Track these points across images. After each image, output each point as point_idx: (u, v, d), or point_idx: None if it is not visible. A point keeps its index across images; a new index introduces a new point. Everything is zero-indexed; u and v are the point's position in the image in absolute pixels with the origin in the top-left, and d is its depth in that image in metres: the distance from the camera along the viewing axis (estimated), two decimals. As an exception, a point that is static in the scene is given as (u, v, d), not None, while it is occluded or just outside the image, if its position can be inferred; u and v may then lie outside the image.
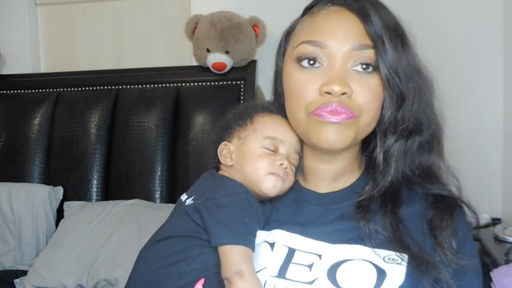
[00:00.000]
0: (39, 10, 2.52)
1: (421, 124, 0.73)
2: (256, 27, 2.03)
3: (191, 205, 0.74)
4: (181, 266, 0.70)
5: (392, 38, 0.68)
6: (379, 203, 0.72)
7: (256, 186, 0.75)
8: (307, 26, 0.73)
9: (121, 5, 2.44)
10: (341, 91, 0.66)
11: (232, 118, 0.82)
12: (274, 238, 0.73)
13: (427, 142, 0.74)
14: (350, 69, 0.69)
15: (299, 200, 0.78)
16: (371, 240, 0.69)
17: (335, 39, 0.68)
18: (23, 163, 2.13)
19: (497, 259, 1.44)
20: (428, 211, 0.72)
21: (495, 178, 2.03)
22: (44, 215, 1.96)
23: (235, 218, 0.70)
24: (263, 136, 0.77)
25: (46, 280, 1.73)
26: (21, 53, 2.44)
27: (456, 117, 2.24)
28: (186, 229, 0.72)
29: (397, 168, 0.72)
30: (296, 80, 0.71)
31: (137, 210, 1.84)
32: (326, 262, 0.69)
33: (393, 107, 0.70)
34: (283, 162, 0.75)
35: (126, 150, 2.04)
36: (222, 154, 0.80)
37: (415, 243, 0.68)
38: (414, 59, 0.73)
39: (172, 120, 2.03)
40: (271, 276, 0.70)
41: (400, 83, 0.69)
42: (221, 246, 0.68)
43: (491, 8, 2.01)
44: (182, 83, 2.09)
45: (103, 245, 1.75)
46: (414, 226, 0.70)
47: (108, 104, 2.11)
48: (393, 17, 0.72)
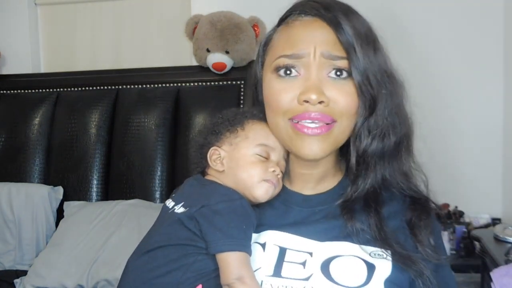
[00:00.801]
0: (39, 10, 2.52)
1: (394, 127, 0.75)
2: (256, 27, 2.03)
3: (184, 213, 0.73)
4: (177, 274, 0.69)
5: (363, 46, 0.71)
6: (363, 204, 0.75)
7: (249, 192, 0.76)
8: (284, 39, 0.75)
9: (121, 5, 2.44)
10: (318, 99, 0.69)
11: (221, 123, 0.82)
12: (265, 238, 0.75)
13: (401, 143, 0.77)
14: (325, 76, 0.71)
15: (286, 203, 0.80)
16: (358, 238, 0.72)
17: (309, 49, 0.71)
18: (23, 163, 2.13)
19: (497, 259, 1.44)
20: (407, 211, 0.76)
21: (495, 178, 2.03)
22: (44, 215, 1.96)
23: (233, 225, 0.70)
24: (256, 143, 0.77)
25: (46, 280, 1.73)
26: (21, 53, 2.45)
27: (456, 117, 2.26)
28: (180, 237, 0.72)
29: (376, 170, 0.75)
30: (274, 89, 0.74)
31: (137, 210, 1.84)
32: (318, 258, 0.72)
33: (366, 112, 0.73)
34: (276, 169, 0.77)
35: (126, 150, 2.04)
36: (212, 159, 0.79)
37: (397, 241, 0.72)
38: (385, 63, 0.75)
39: (172, 120, 2.03)
40: (267, 275, 0.71)
41: (371, 90, 0.72)
42: (220, 253, 0.69)
43: (491, 8, 2.02)
44: (182, 83, 2.09)
45: (103, 245, 1.75)
46: (395, 225, 0.75)
47: (108, 104, 2.11)
48: (365, 23, 0.75)
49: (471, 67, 2.04)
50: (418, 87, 0.85)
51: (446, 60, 2.03)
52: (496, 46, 2.02)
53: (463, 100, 2.04)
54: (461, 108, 2.03)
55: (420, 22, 2.03)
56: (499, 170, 2.03)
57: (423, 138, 0.84)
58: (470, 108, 2.04)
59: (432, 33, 2.04)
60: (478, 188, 2.00)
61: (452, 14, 2.05)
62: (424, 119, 0.83)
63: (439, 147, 1.89)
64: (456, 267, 1.76)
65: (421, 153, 0.82)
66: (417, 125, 0.81)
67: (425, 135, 0.85)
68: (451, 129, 2.01)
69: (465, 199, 1.95)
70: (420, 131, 0.83)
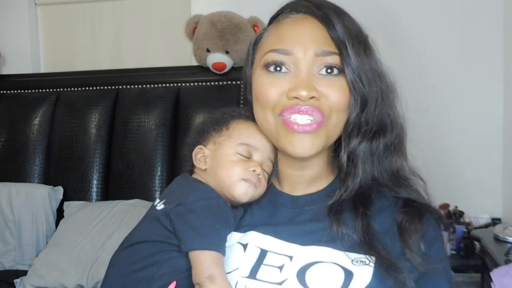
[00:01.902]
0: (39, 10, 2.52)
1: (385, 126, 0.75)
2: (256, 27, 2.03)
3: (161, 211, 0.74)
4: (152, 270, 0.70)
5: (354, 45, 0.71)
6: (351, 206, 0.73)
7: (228, 192, 0.76)
8: (274, 35, 0.75)
9: (121, 5, 2.44)
10: (309, 96, 0.68)
11: (209, 123, 0.83)
12: (248, 239, 0.75)
13: (392, 144, 0.76)
14: (316, 73, 0.71)
15: (274, 203, 0.79)
16: (342, 242, 0.70)
17: (300, 46, 0.71)
18: (23, 163, 2.13)
19: (497, 259, 1.44)
20: (398, 214, 0.73)
21: (495, 178, 2.03)
22: (44, 215, 1.96)
23: (206, 223, 0.70)
24: (238, 142, 0.77)
25: (46, 280, 1.73)
26: (21, 53, 2.45)
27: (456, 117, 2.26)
28: (156, 234, 0.73)
29: (364, 170, 0.74)
30: (263, 83, 0.73)
31: (137, 210, 1.84)
32: (297, 263, 0.70)
33: (357, 109, 0.72)
34: (256, 168, 0.76)
35: (126, 150, 2.04)
36: (197, 158, 0.80)
37: (383, 247, 0.69)
38: (376, 64, 0.75)
39: (172, 120, 2.03)
40: (242, 276, 0.71)
41: (363, 87, 0.71)
42: (192, 251, 0.69)
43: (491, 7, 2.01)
44: (182, 83, 2.10)
45: (103, 245, 1.75)
46: (383, 230, 0.72)
47: (108, 104, 2.11)
48: (355, 24, 0.74)
49: (471, 67, 2.04)
50: (416, 87, 0.85)
51: (445, 60, 2.03)
52: (496, 45, 2.02)
53: (463, 100, 2.04)
54: (461, 108, 2.03)
55: (419, 21, 2.03)
56: (499, 170, 2.03)
57: (422, 139, 0.83)
58: (470, 108, 2.04)
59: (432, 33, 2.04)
60: (478, 188, 2.00)
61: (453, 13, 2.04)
62: (424, 119, 0.82)
63: (439, 147, 1.89)
64: (456, 267, 1.76)
65: (422, 153, 0.81)
66: (418, 127, 0.80)
67: (425, 135, 0.85)
68: (451, 129, 2.01)
69: (465, 199, 1.94)
70: (420, 132, 0.83)
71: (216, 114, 0.84)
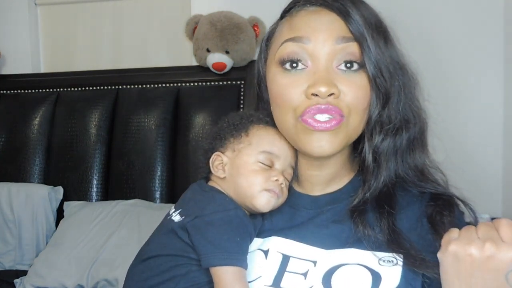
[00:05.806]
0: (39, 10, 2.52)
1: (408, 121, 0.72)
2: (256, 27, 2.03)
3: (178, 223, 0.71)
4: (169, 285, 0.68)
5: (374, 36, 0.67)
6: (375, 205, 0.71)
7: (250, 202, 0.73)
8: (287, 26, 0.71)
9: (121, 5, 2.44)
10: (328, 92, 0.65)
11: (226, 128, 0.78)
12: (268, 245, 0.72)
13: (415, 139, 0.73)
14: (335, 68, 0.67)
15: (294, 205, 0.77)
16: (368, 243, 0.68)
17: (317, 35, 0.67)
18: (23, 163, 2.13)
19: (497, 259, 1.43)
20: (427, 208, 0.71)
21: (495, 178, 2.03)
22: (44, 215, 1.96)
23: (226, 237, 0.67)
24: (259, 150, 0.74)
25: (46, 280, 1.73)
26: (21, 53, 2.44)
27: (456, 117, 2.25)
28: (173, 247, 0.70)
29: (388, 168, 0.71)
30: (280, 84, 0.69)
31: (137, 210, 1.84)
32: (321, 268, 0.68)
33: (380, 106, 0.69)
34: (279, 178, 0.73)
35: (126, 150, 2.04)
36: (214, 165, 0.77)
37: (410, 244, 0.67)
38: (397, 55, 0.71)
39: (172, 120, 2.03)
40: (266, 285, 0.68)
41: (384, 82, 0.67)
42: (213, 267, 0.66)
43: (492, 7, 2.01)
44: (182, 83, 2.09)
45: (103, 245, 1.75)
46: (408, 226, 0.70)
47: (108, 104, 2.11)
48: (374, 13, 0.71)
49: (471, 67, 2.03)
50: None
51: (445, 61, 2.03)
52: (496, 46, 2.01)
53: (462, 100, 2.03)
54: (461, 109, 2.03)
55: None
56: (499, 170, 2.03)
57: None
58: (470, 108, 2.03)
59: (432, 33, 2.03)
60: (478, 188, 1.99)
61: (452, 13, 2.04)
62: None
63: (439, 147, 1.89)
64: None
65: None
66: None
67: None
68: (451, 129, 2.01)
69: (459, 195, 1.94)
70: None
71: (233, 118, 0.79)
